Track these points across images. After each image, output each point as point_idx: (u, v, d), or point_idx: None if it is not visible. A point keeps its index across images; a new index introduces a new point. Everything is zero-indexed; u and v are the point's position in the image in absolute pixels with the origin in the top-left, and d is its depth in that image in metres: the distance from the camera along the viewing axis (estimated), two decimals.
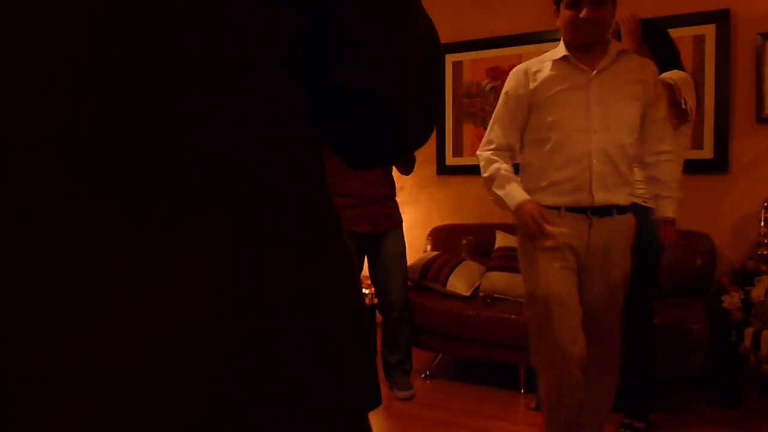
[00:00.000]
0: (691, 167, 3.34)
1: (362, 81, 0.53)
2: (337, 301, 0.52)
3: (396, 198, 3.09)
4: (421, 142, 0.62)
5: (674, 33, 3.28)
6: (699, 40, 3.25)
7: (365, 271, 3.17)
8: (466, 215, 3.90)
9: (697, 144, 3.28)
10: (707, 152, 3.27)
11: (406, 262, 3.10)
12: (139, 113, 0.41)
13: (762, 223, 2.99)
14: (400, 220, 3.06)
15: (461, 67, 3.93)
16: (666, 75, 2.36)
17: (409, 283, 3.21)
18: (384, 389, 3.12)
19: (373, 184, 2.91)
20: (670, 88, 2.31)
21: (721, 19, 3.19)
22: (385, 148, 0.59)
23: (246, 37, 0.46)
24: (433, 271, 3.40)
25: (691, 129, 2.47)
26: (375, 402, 0.62)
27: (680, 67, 2.47)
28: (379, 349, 3.43)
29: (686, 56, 3.27)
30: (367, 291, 3.56)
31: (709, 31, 3.23)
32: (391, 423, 2.80)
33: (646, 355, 2.50)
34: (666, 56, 2.45)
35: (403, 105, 0.55)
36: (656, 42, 2.47)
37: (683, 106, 2.34)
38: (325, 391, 0.48)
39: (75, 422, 0.37)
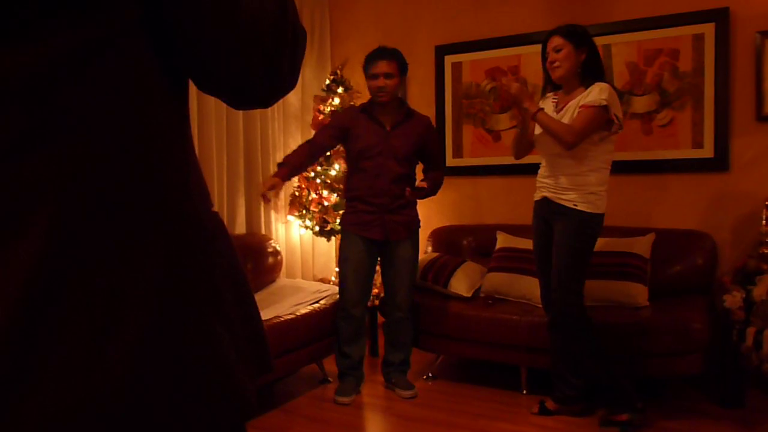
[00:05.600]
0: (692, 166, 3.34)
1: (201, 50, 0.58)
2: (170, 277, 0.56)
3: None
4: (287, 83, 0.66)
5: (673, 32, 3.30)
6: (698, 38, 3.24)
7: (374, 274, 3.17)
8: (467, 216, 3.90)
9: (698, 143, 3.28)
10: (707, 151, 3.26)
11: (416, 266, 3.12)
12: None
13: (763, 222, 2.98)
14: (416, 227, 3.06)
15: (460, 68, 3.92)
16: (595, 94, 2.43)
17: None
18: (385, 390, 3.13)
19: (387, 192, 2.91)
20: (604, 110, 2.42)
21: (721, 17, 3.18)
22: (243, 95, 0.65)
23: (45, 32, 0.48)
24: (434, 272, 3.39)
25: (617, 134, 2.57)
26: (262, 369, 0.70)
27: (603, 78, 2.54)
28: (381, 351, 3.43)
29: (685, 55, 3.27)
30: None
31: (708, 29, 3.22)
32: (393, 423, 2.80)
33: (589, 349, 2.54)
34: (593, 67, 2.52)
35: (244, 64, 0.60)
36: (587, 51, 2.52)
37: (616, 121, 2.46)
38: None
39: None
